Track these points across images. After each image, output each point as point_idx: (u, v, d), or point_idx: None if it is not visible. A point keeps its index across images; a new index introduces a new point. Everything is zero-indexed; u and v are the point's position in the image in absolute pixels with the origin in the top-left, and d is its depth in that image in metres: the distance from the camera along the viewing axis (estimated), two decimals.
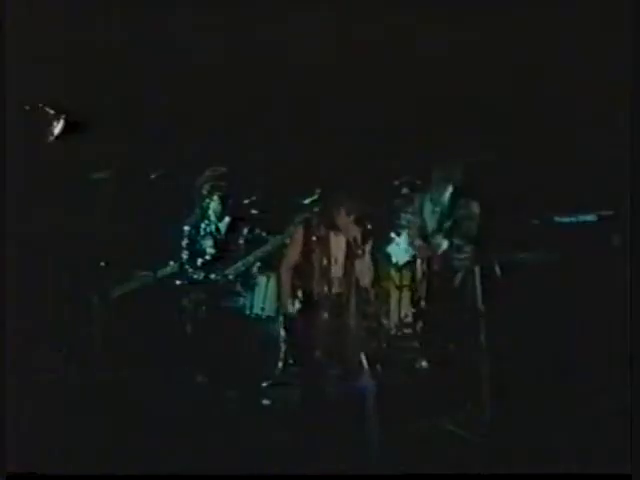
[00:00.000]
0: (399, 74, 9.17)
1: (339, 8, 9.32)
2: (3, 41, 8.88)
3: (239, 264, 8.82)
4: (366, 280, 8.58)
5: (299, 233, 8.51)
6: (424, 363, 8.63)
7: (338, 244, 8.57)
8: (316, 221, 8.56)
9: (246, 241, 8.93)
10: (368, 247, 8.62)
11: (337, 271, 8.51)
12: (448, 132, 8.99)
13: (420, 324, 8.75)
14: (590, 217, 8.76)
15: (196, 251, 8.87)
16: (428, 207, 8.85)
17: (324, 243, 8.52)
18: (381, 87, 9.15)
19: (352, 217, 8.47)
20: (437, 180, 8.78)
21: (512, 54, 9.14)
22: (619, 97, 8.81)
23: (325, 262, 8.52)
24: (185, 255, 8.82)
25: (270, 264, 8.89)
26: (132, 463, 8.00)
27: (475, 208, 8.76)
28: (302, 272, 8.50)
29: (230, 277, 8.81)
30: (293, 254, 8.49)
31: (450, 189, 8.72)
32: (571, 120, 8.95)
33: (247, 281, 8.89)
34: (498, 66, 9.15)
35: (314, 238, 8.57)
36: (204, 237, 8.90)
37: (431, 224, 8.85)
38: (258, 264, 8.88)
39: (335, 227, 8.48)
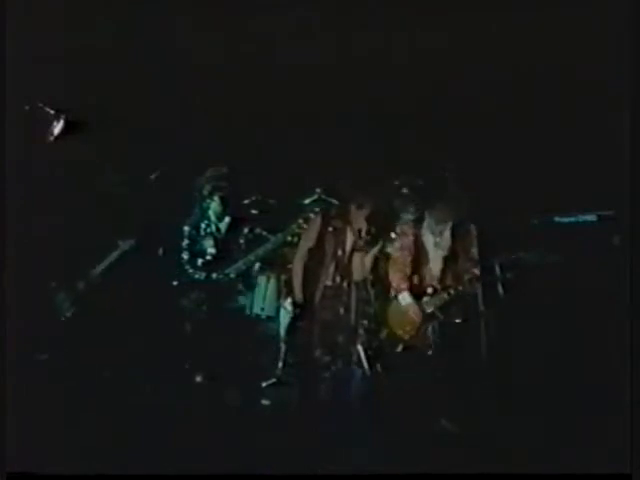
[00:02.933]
0: (399, 74, 9.17)
1: (340, 8, 9.32)
2: (3, 41, 8.89)
3: (240, 263, 8.83)
4: (358, 276, 8.70)
5: (316, 223, 8.69)
6: (424, 363, 8.62)
7: (351, 237, 8.73)
8: (333, 212, 8.73)
9: (247, 241, 8.92)
10: (375, 248, 8.73)
11: (345, 263, 8.68)
12: (448, 132, 8.98)
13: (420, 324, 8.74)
14: (590, 217, 8.76)
15: (197, 251, 8.87)
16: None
17: (339, 235, 8.69)
18: (381, 87, 9.14)
19: (363, 211, 8.67)
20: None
21: (512, 54, 9.13)
22: (619, 97, 8.81)
23: (340, 253, 8.68)
24: (186, 255, 8.82)
25: (271, 264, 8.89)
26: (132, 463, 8.01)
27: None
28: (314, 261, 8.67)
29: (232, 276, 8.81)
30: (307, 243, 8.66)
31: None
32: (571, 120, 8.95)
33: (248, 280, 8.89)
34: (498, 66, 9.14)
35: (330, 229, 8.73)
36: (205, 237, 8.89)
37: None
38: (259, 264, 8.88)
39: (349, 220, 8.69)
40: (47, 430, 8.18)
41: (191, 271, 8.78)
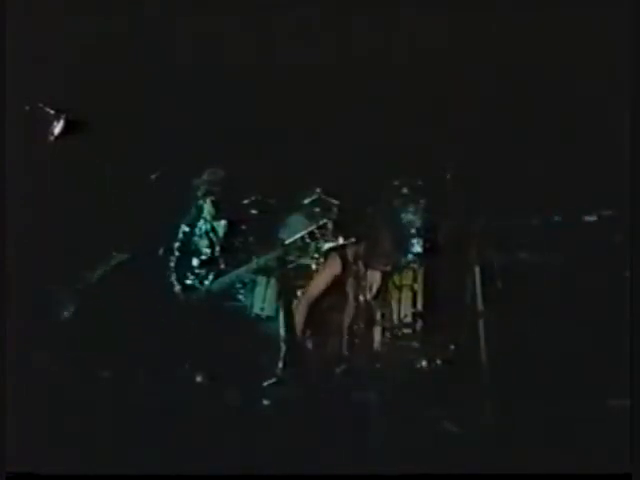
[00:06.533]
0: (399, 74, 9.17)
1: (340, 8, 9.33)
2: (3, 41, 8.90)
3: (226, 278, 8.79)
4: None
5: (335, 264, 8.74)
6: (424, 363, 8.61)
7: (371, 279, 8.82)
8: (351, 256, 8.77)
9: (244, 243, 8.91)
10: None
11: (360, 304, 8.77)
12: (448, 132, 8.99)
13: (420, 324, 8.74)
14: (590, 217, 8.77)
15: (192, 251, 8.85)
16: None
17: (357, 277, 8.75)
18: (381, 87, 9.15)
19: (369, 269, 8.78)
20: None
21: (513, 54, 9.14)
22: (619, 97, 8.82)
23: (359, 295, 8.74)
24: (177, 253, 8.79)
25: (267, 270, 8.90)
26: (132, 463, 8.01)
27: None
28: (329, 301, 8.74)
29: (214, 289, 8.78)
30: (320, 283, 8.72)
31: None
32: (571, 120, 8.96)
33: (245, 285, 8.88)
34: (499, 66, 9.15)
35: (346, 271, 8.76)
36: (200, 237, 8.88)
37: None
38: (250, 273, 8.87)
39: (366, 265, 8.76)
40: (47, 430, 8.18)
41: (170, 273, 8.75)
